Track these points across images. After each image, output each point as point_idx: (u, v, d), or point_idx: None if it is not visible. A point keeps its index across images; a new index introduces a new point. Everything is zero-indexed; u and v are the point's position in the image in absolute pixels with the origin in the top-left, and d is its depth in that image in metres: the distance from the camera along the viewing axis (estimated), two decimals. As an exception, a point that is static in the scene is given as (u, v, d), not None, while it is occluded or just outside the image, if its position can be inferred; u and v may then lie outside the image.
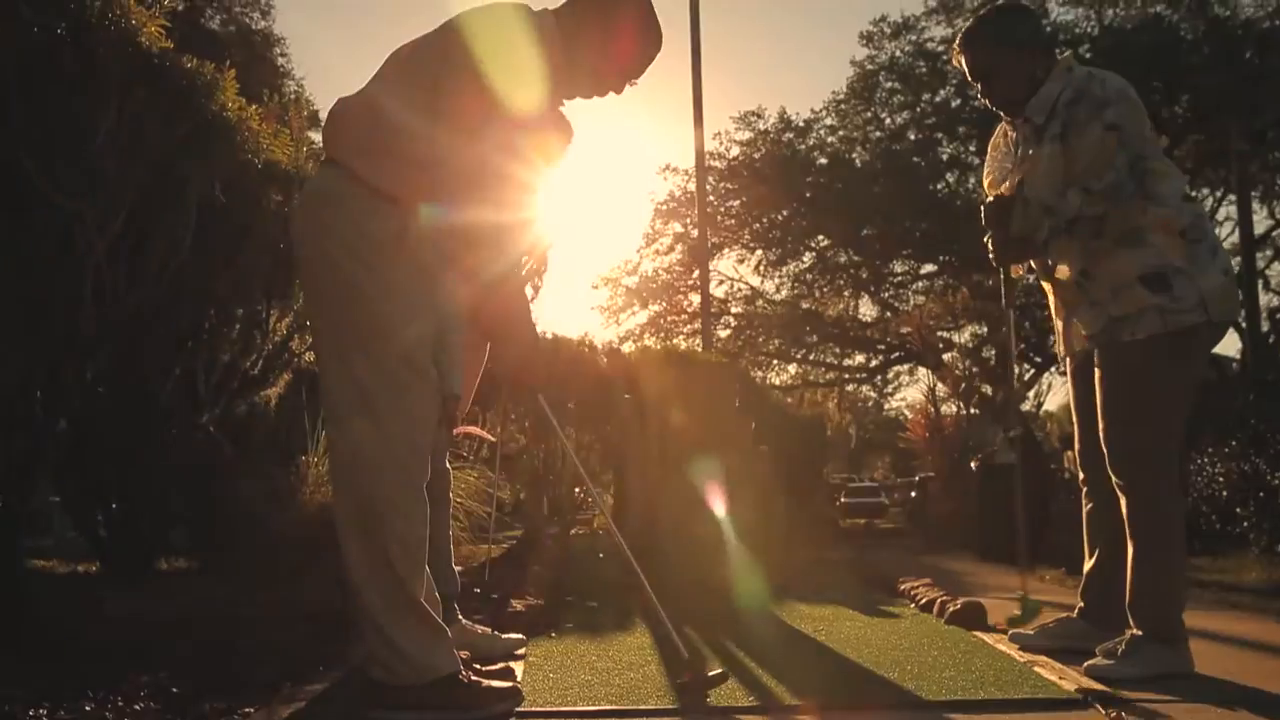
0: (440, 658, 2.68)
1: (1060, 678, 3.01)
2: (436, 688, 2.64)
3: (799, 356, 28.28)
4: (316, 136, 7.66)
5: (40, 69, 3.82)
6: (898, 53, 23.90)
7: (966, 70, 3.60)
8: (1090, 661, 3.17)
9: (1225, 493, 8.23)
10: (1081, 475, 3.60)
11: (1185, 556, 3.28)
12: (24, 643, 3.51)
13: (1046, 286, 3.63)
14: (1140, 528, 3.23)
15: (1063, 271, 3.46)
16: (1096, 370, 3.35)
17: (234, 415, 5.51)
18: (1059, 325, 3.59)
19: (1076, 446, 3.62)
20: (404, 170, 2.66)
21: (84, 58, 3.80)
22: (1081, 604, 3.58)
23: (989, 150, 3.77)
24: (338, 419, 2.72)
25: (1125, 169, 3.22)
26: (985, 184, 3.73)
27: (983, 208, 3.55)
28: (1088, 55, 20.35)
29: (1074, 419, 3.62)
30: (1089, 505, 3.57)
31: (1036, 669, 3.15)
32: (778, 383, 29.08)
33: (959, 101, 22.32)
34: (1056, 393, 31.23)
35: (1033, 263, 3.60)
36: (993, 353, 19.03)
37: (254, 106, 5.02)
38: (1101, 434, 3.30)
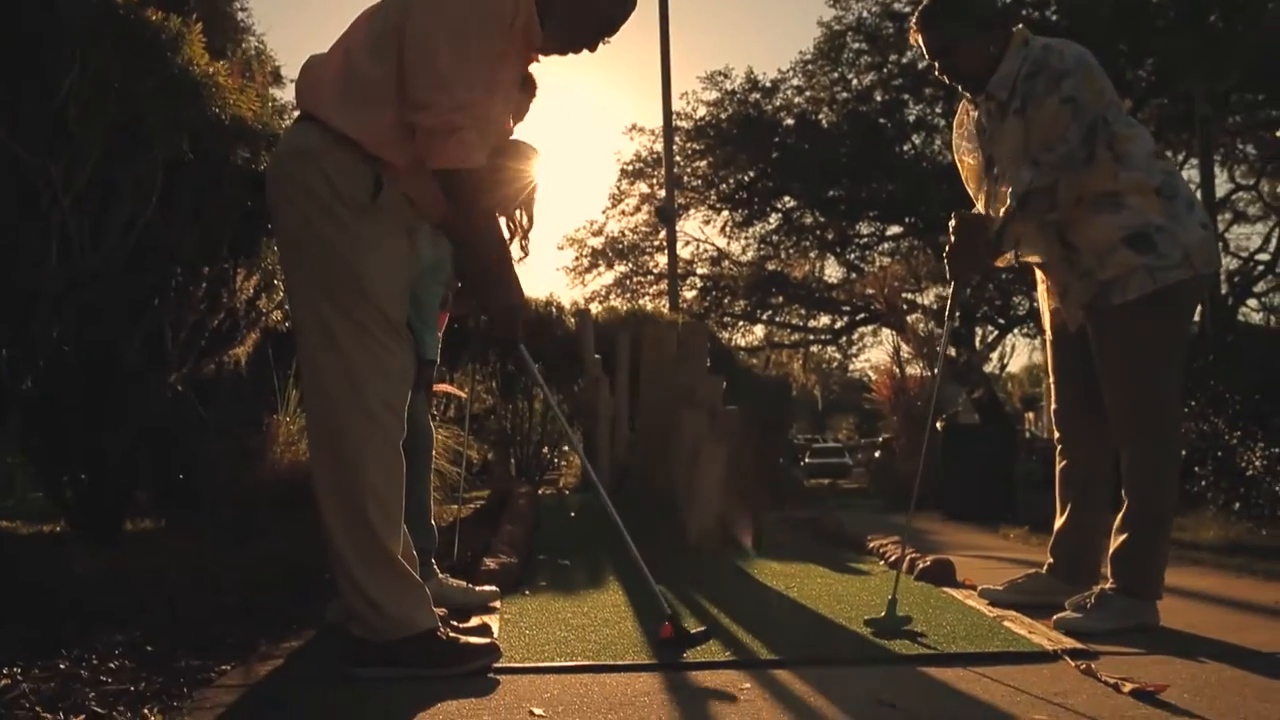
0: (418, 614, 2.69)
1: (1030, 632, 3.07)
2: (415, 644, 2.65)
3: (765, 318, 28.36)
4: (279, 93, 7.56)
5: (1, 21, 3.73)
6: (865, 13, 23.79)
7: (924, 48, 3.60)
8: (1059, 615, 3.24)
9: (1185, 452, 8.36)
10: (1057, 435, 3.66)
11: (1174, 517, 3.34)
12: (-5, 603, 3.48)
13: (1038, 272, 3.65)
14: (1138, 485, 3.26)
15: (1032, 253, 3.48)
16: (1093, 336, 3.37)
17: (202, 374, 5.45)
18: (1048, 304, 3.60)
19: (1053, 407, 3.68)
20: (387, 125, 2.63)
21: (46, 8, 3.70)
22: (1051, 560, 3.65)
23: (954, 129, 3.78)
24: (314, 377, 2.71)
25: (1078, 140, 3.24)
26: (962, 166, 3.72)
27: (954, 218, 3.52)
28: (1054, 18, 20.39)
29: (1052, 381, 3.67)
30: (1062, 463, 3.63)
31: (1006, 624, 3.21)
32: (743, 344, 29.18)
33: (925, 63, 22.30)
34: (1020, 354, 31.58)
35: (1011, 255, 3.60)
36: (958, 314, 19.18)
37: (220, 61, 4.93)
38: (1106, 400, 3.34)
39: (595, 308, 13.27)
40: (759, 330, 29.78)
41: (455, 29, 2.57)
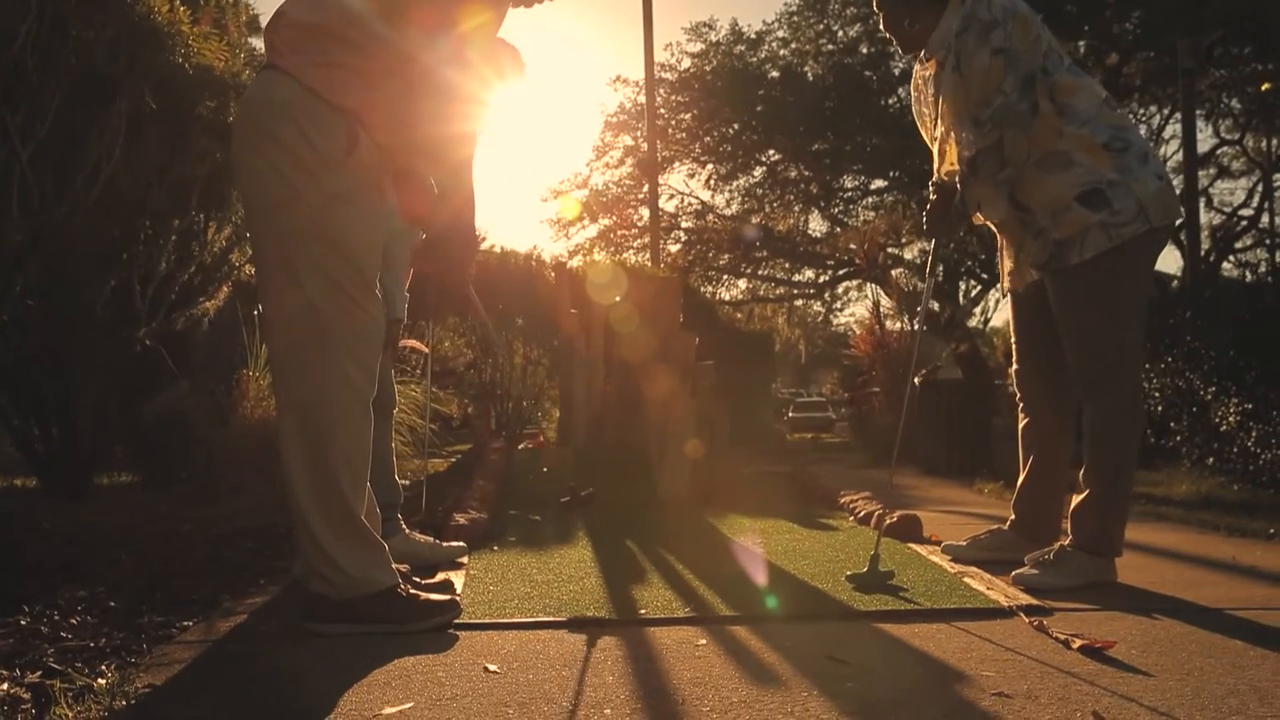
0: (379, 571, 2.69)
1: (989, 588, 3.09)
2: (375, 600, 2.66)
3: (748, 272, 28.34)
4: (256, 42, 7.44)
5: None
6: (849, -35, 23.60)
7: (881, 20, 3.61)
8: (1018, 571, 3.27)
9: (1160, 408, 8.41)
10: (1019, 394, 3.67)
11: (1134, 474, 3.36)
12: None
13: (998, 233, 3.64)
14: (1098, 442, 3.28)
15: (990, 215, 3.47)
16: (1052, 296, 3.37)
17: (172, 328, 5.43)
18: (1007, 264, 3.59)
19: (1014, 366, 3.69)
20: (355, 78, 2.59)
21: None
22: (1013, 516, 3.67)
23: (912, 92, 3.74)
24: (285, 334, 2.68)
25: (1014, 91, 3.21)
26: (923, 130, 3.70)
27: (931, 186, 3.55)
28: (1041, -31, 20.23)
29: (1013, 340, 3.68)
30: (1024, 421, 3.65)
31: (966, 579, 3.23)
32: (727, 298, 29.17)
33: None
34: (1003, 309, 31.72)
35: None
36: (940, 268, 19.19)
37: (184, 9, 4.85)
38: (1068, 357, 3.35)
39: (576, 261, 13.24)
40: (743, 284, 29.78)
41: None
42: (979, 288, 26.57)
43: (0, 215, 3.96)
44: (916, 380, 9.65)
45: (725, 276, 28.65)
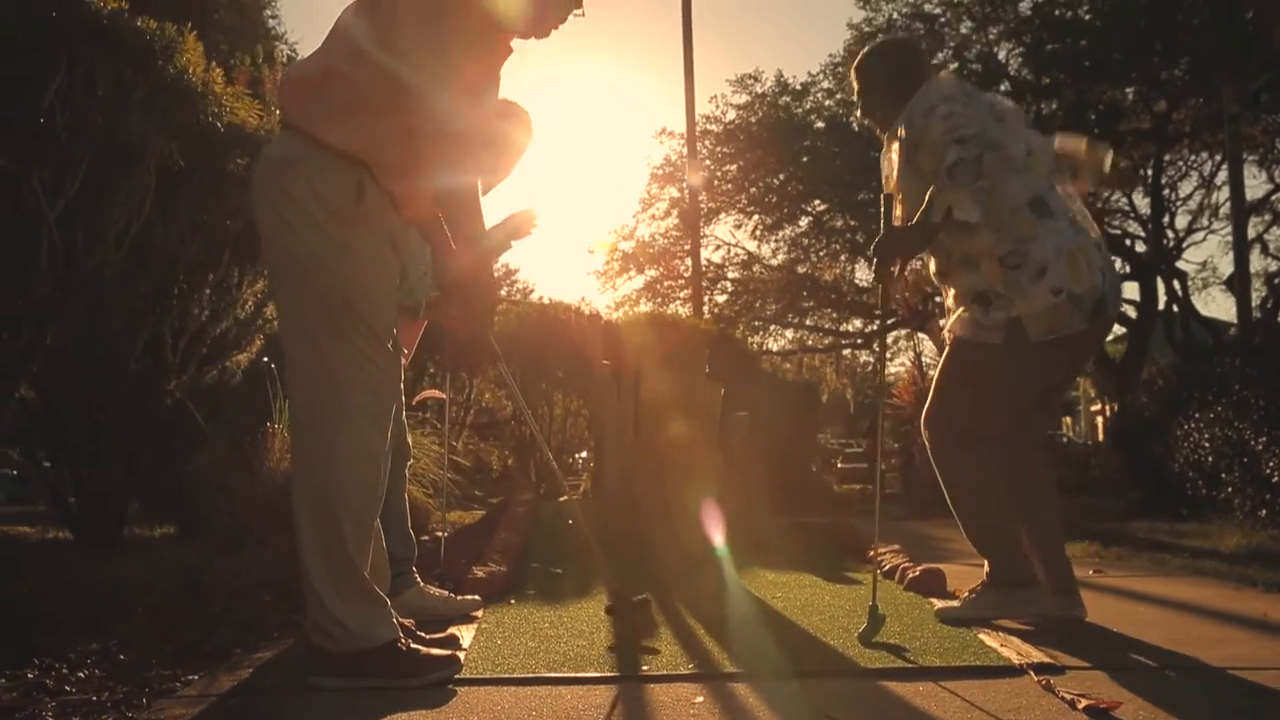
0: (379, 625, 2.68)
1: (1001, 645, 3.01)
2: (375, 655, 2.65)
3: (795, 322, 28.21)
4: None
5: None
6: (895, 15, 23.58)
7: (859, 110, 3.87)
8: (940, 605, 3.62)
9: (1210, 458, 8.21)
10: None
11: (996, 513, 3.53)
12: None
13: None
14: (944, 485, 3.58)
15: (963, 215, 3.49)
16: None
17: (203, 382, 5.50)
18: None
19: None
20: (358, 117, 2.62)
21: (27, 15, 3.74)
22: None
23: (882, 159, 3.84)
24: (297, 385, 2.72)
25: (976, 123, 3.31)
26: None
27: (883, 199, 3.68)
28: (1086, 16, 20.15)
29: None
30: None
31: (980, 636, 3.16)
32: (775, 348, 29.05)
33: (956, 65, 22.12)
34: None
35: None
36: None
37: (218, 69, 4.97)
38: None
39: (619, 314, 13.28)
40: (790, 334, 29.64)
41: (430, 25, 2.57)
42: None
43: (28, 270, 4.04)
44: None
45: (772, 326, 28.55)
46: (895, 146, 3.60)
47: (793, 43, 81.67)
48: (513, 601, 4.00)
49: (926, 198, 3.35)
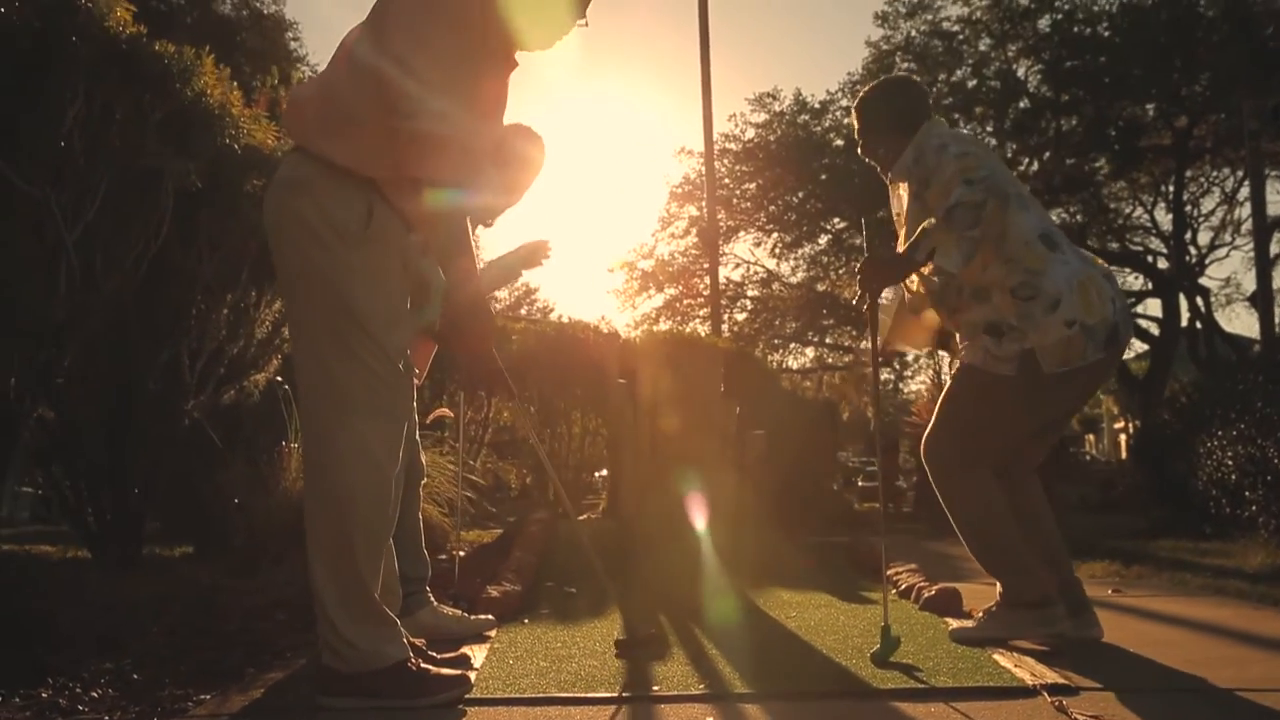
0: (389, 645, 2.68)
1: (1016, 665, 2.99)
2: (384, 675, 2.64)
3: (815, 340, 28.16)
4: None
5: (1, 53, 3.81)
6: (913, 33, 23.63)
7: (860, 149, 3.87)
8: (955, 625, 3.58)
9: (1234, 476, 8.13)
10: None
11: (1002, 533, 3.48)
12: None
13: None
14: (947, 509, 3.58)
15: (943, 262, 3.48)
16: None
17: (221, 402, 5.52)
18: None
19: None
20: (359, 130, 2.63)
21: (46, 41, 3.78)
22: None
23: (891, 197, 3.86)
24: (310, 408, 2.72)
25: (987, 167, 3.32)
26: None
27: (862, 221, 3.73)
28: (1105, 32, 20.11)
29: None
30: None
31: (995, 656, 3.13)
32: (795, 366, 28.99)
33: (975, 82, 22.12)
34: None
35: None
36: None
37: (238, 90, 5.01)
38: None
39: (635, 332, 13.28)
40: (810, 352, 29.58)
41: (427, 38, 2.57)
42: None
43: (47, 292, 4.08)
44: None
45: (792, 344, 28.51)
46: (904, 185, 3.62)
47: (811, 61, 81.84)
48: (526, 621, 3.99)
49: (918, 230, 3.35)
